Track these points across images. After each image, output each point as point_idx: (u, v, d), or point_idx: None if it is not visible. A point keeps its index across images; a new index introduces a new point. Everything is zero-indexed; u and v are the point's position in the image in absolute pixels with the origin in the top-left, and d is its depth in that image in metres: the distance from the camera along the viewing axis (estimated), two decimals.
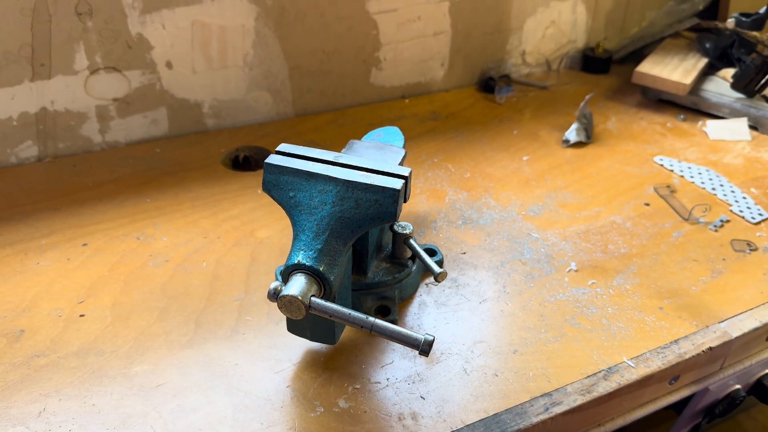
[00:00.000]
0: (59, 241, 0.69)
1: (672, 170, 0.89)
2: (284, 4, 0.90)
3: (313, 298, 0.48)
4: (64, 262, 0.66)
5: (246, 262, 0.67)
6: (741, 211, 0.80)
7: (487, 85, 1.10)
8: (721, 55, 1.11)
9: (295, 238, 0.51)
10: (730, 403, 0.71)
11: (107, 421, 0.50)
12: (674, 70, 1.07)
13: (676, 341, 0.60)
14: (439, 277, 0.59)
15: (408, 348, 0.56)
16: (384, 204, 0.50)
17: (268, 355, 0.56)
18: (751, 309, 0.65)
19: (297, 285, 0.48)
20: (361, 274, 0.61)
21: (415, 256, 0.62)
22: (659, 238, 0.75)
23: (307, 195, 0.51)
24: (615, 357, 0.58)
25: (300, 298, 0.47)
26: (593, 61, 1.20)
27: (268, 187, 0.53)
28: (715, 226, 0.77)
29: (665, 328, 0.62)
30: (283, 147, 0.55)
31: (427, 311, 0.63)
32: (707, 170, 0.89)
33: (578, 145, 0.95)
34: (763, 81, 1.01)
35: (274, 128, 0.95)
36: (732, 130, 0.99)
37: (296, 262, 0.49)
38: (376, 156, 0.61)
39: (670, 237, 0.75)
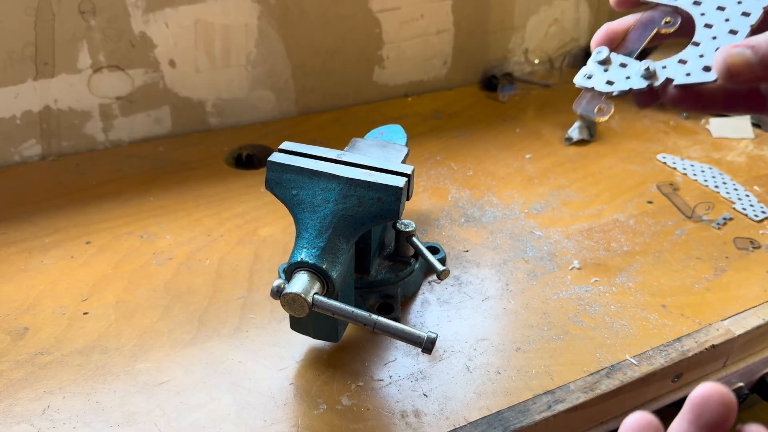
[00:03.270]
0: (63, 240, 0.69)
1: (675, 168, 0.89)
2: (287, 3, 0.90)
3: (316, 296, 0.48)
4: (67, 261, 0.66)
5: (249, 260, 0.68)
6: (744, 209, 0.80)
7: (490, 83, 1.10)
8: None
9: (298, 236, 0.51)
10: None
11: (111, 418, 0.50)
12: None
13: (679, 339, 0.60)
14: (441, 275, 0.59)
15: (411, 346, 0.57)
16: (387, 202, 0.50)
17: (271, 353, 0.57)
18: (754, 307, 0.65)
19: (300, 283, 0.48)
20: (364, 272, 0.61)
21: (418, 254, 0.62)
22: (662, 236, 0.75)
23: (309, 193, 0.52)
24: (618, 355, 0.58)
25: (303, 295, 0.47)
26: None
27: (271, 185, 0.53)
28: (717, 224, 0.77)
29: (668, 326, 0.62)
30: (285, 145, 0.55)
31: (430, 309, 0.63)
32: (710, 168, 0.89)
33: (581, 143, 0.94)
34: None
35: (277, 127, 0.95)
36: (735, 128, 0.99)
37: (299, 259, 0.49)
38: (379, 154, 0.61)
39: (672, 235, 0.75)
